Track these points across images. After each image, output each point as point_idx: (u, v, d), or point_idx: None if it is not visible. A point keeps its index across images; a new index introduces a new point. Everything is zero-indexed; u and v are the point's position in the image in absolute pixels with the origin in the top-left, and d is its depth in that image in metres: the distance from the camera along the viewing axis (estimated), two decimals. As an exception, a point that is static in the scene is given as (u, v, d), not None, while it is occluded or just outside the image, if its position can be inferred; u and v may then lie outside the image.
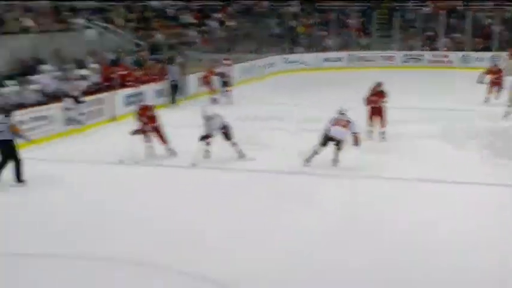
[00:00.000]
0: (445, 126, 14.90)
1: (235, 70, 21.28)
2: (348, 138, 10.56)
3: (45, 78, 15.27)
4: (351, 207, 9.65)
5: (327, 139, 10.32)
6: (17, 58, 16.75)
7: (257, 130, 14.64)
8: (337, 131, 10.24)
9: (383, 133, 12.85)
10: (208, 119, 11.00)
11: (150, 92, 18.42)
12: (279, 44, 30.01)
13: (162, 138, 12.11)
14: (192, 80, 20.44)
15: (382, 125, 12.81)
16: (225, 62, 20.46)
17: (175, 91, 18.75)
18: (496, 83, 17.64)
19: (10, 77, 14.78)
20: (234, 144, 11.13)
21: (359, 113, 12.99)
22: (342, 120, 10.33)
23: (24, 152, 12.37)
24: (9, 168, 10.44)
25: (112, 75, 17.41)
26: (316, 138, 11.71)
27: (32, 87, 14.51)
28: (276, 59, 28.09)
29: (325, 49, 29.99)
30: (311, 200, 9.76)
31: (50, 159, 12.82)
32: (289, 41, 30.11)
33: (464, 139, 13.78)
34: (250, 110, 17.40)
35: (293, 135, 14.24)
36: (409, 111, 16.54)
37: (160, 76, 19.09)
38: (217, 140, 11.65)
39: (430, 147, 12.96)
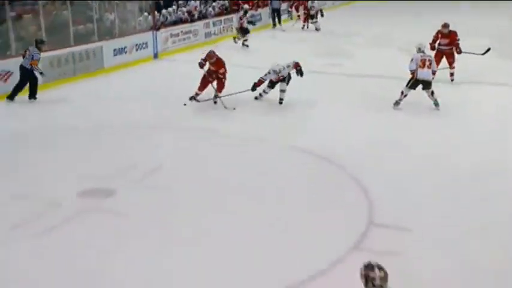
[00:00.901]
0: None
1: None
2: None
3: (193, 2, 15.62)
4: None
5: (416, 82, 8.38)
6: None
7: (341, 44, 14.35)
8: (424, 74, 8.26)
9: (452, 74, 10.14)
10: (278, 71, 8.63)
11: (264, 14, 18.45)
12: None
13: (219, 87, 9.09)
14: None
15: (452, 66, 10.12)
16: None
17: (275, 16, 18.42)
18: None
19: (170, 2, 15.18)
20: (282, 90, 8.76)
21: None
22: (425, 60, 8.29)
23: (176, 55, 13.43)
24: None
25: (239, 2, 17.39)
26: (387, 51, 11.56)
27: (183, 9, 14.92)
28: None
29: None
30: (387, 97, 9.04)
31: (191, 60, 12.31)
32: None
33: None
34: (332, 29, 17.02)
35: (369, 47, 13.80)
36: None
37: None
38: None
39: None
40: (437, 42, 9.99)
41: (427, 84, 8.17)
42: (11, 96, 8.85)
